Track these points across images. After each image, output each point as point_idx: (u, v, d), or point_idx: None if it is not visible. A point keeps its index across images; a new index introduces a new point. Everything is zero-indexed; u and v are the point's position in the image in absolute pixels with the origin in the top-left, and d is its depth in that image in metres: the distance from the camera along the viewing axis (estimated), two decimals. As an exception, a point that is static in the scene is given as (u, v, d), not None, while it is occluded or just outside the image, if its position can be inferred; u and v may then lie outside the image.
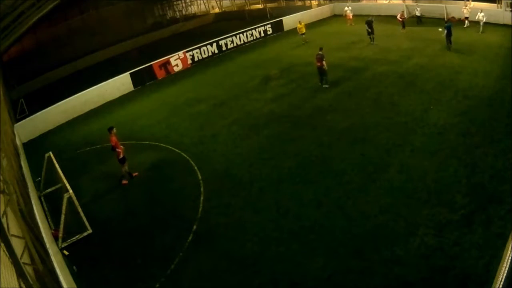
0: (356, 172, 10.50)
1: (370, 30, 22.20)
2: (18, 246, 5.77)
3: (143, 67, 23.05)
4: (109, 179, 12.61)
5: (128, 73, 22.32)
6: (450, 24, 18.88)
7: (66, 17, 34.14)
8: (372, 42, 22.24)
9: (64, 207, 9.46)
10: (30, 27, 23.56)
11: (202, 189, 11.17)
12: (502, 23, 21.87)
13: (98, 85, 20.91)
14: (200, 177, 11.82)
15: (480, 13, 21.41)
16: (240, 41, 27.78)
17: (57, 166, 11.56)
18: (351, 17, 28.37)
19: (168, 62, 24.09)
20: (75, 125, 18.77)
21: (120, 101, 21.02)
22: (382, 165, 10.59)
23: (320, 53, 16.51)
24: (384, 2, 31.85)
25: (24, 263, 5.42)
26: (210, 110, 17.00)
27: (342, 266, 7.60)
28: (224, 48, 26.88)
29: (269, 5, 38.95)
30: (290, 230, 8.85)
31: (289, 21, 30.24)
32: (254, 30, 28.63)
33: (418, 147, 11.07)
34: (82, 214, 9.95)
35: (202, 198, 10.75)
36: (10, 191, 7.34)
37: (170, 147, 14.10)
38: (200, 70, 23.73)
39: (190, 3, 46.83)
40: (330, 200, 9.59)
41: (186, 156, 13.23)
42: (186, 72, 24.14)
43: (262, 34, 28.87)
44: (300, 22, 26.18)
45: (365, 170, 10.48)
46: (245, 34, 28.13)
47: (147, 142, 14.87)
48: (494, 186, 8.90)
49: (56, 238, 9.77)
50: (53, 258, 7.49)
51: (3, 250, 5.01)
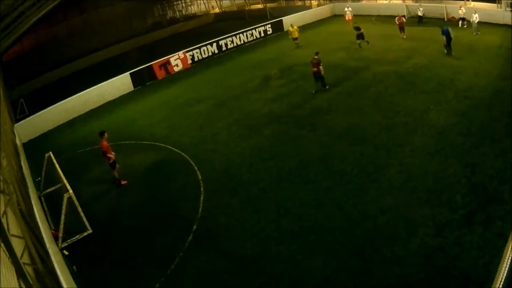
0: (356, 172, 10.50)
1: (358, 36, 21.44)
2: (18, 246, 5.77)
3: (143, 67, 23.04)
4: (109, 179, 12.58)
5: (128, 73, 22.31)
6: (447, 27, 17.93)
7: (66, 17, 34.16)
8: (360, 47, 21.45)
9: (64, 207, 9.46)
10: (30, 27, 23.58)
11: (202, 189, 11.17)
12: (502, 23, 21.85)
13: (98, 85, 20.91)
14: (200, 177, 11.82)
15: (474, 14, 20.99)
16: (240, 41, 27.78)
17: (57, 166, 11.57)
18: (351, 17, 27.90)
19: (168, 62, 24.08)
20: (75, 125, 18.78)
21: (120, 101, 21.02)
22: (382, 165, 10.59)
23: (316, 57, 15.91)
24: (384, 2, 31.85)
25: (24, 263, 5.42)
26: (210, 110, 16.99)
27: (342, 266, 7.60)
28: (224, 48, 26.87)
29: (269, 5, 38.94)
30: (290, 230, 8.85)
31: (289, 21, 30.11)
32: (254, 30, 28.64)
33: (418, 147, 11.07)
34: (82, 214, 9.96)
35: (202, 198, 10.75)
36: (10, 191, 7.34)
37: (170, 147, 14.09)
38: (200, 70, 23.72)
39: (190, 3, 46.85)
40: (330, 200, 9.59)
41: (186, 156, 13.23)
42: (186, 72, 24.13)
43: (262, 34, 28.87)
44: (292, 26, 24.67)
45: (365, 170, 10.48)
46: (245, 34, 28.14)
47: (147, 142, 14.87)
48: (494, 186, 8.89)
49: (56, 238, 9.77)
50: (53, 258, 7.48)
51: (3, 250, 5.01)
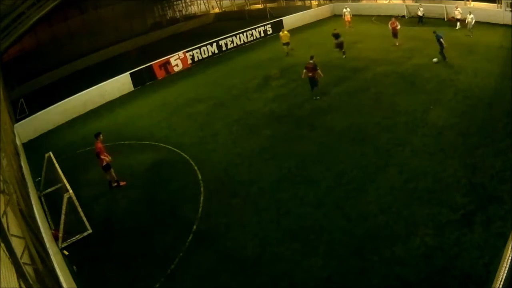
0: (356, 172, 10.50)
1: (337, 44, 20.61)
2: (18, 246, 5.77)
3: (143, 67, 23.03)
4: (109, 179, 12.58)
5: (128, 73, 22.30)
6: (440, 34, 17.04)
7: (66, 17, 34.16)
8: (344, 56, 20.50)
9: (64, 207, 9.46)
10: (30, 27, 23.59)
11: (202, 189, 11.17)
12: (502, 23, 21.85)
13: (98, 85, 20.89)
14: (200, 177, 11.82)
15: (469, 15, 20.79)
16: (240, 41, 27.76)
17: (57, 166, 11.57)
18: (350, 19, 27.25)
19: (168, 62, 24.07)
20: (75, 125, 18.76)
21: (120, 101, 21.01)
22: (382, 165, 10.59)
23: (311, 61, 15.19)
24: (384, 2, 31.85)
25: (24, 263, 5.42)
26: (210, 110, 16.99)
27: (342, 266, 7.60)
28: (224, 48, 26.85)
29: (269, 5, 38.94)
30: (290, 230, 8.85)
31: (289, 21, 30.23)
32: (254, 30, 28.61)
33: (418, 147, 11.07)
34: (82, 214, 9.96)
35: (202, 198, 10.75)
36: (10, 191, 7.34)
37: (170, 147, 14.09)
38: (200, 70, 23.71)
39: (190, 3, 46.84)
40: (330, 200, 9.60)
41: (186, 156, 13.23)
42: (186, 72, 24.12)
43: (262, 34, 28.85)
44: (282, 31, 23.86)
45: (365, 170, 10.49)
46: (245, 34, 28.12)
47: (147, 142, 14.86)
48: (494, 186, 8.90)
49: (56, 238, 9.77)
50: (53, 258, 7.49)
51: (3, 250, 5.01)
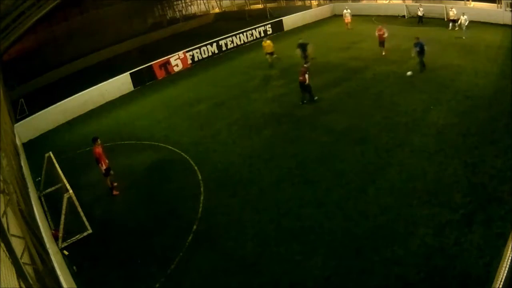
0: (356, 172, 10.50)
1: (303, 54, 19.28)
2: (18, 246, 5.78)
3: (143, 67, 23.05)
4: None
5: (128, 73, 22.32)
6: (423, 43, 16.34)
7: (66, 17, 34.17)
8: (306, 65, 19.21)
9: (64, 207, 9.46)
10: (30, 27, 23.59)
11: (202, 189, 11.17)
12: (502, 23, 21.85)
13: (98, 85, 20.91)
14: (200, 177, 11.82)
15: (463, 16, 20.64)
16: (240, 41, 27.78)
17: (57, 166, 11.56)
18: (350, 20, 26.96)
19: (168, 62, 24.07)
20: (75, 125, 18.77)
21: (120, 101, 21.02)
22: (382, 165, 10.59)
23: (305, 66, 15.34)
24: (384, 2, 31.85)
25: (24, 263, 5.42)
26: (210, 110, 16.99)
27: (342, 266, 7.60)
28: (224, 48, 26.87)
29: (269, 5, 38.94)
30: (290, 230, 8.85)
31: (289, 21, 30.27)
32: (254, 30, 28.64)
33: (418, 147, 11.07)
34: (82, 214, 9.96)
35: (202, 198, 10.75)
36: (10, 191, 7.34)
37: (170, 147, 14.09)
38: (200, 70, 23.71)
39: (190, 3, 46.86)
40: (330, 200, 9.59)
41: (186, 156, 13.23)
42: (186, 72, 24.12)
43: (262, 34, 28.80)
44: (265, 40, 22.04)
45: (365, 170, 10.48)
46: (245, 34, 28.14)
47: (147, 142, 14.86)
48: (494, 186, 8.89)
49: (56, 238, 9.77)
50: (53, 258, 7.49)
51: (3, 250, 5.02)
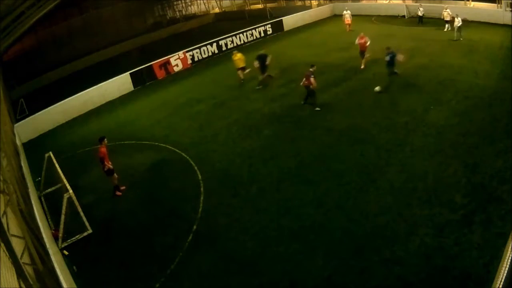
0: (356, 172, 10.50)
1: (261, 67, 17.97)
2: (18, 246, 5.77)
3: (143, 67, 23.02)
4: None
5: (128, 73, 22.30)
6: (394, 53, 15.43)
7: (66, 17, 34.20)
8: (262, 76, 18.25)
9: (64, 207, 9.46)
10: (30, 27, 23.58)
11: (202, 189, 11.17)
12: (502, 23, 21.85)
13: (98, 85, 20.89)
14: (200, 177, 11.82)
15: (457, 18, 20.26)
16: (240, 41, 27.75)
17: (57, 166, 11.57)
18: (350, 21, 26.56)
19: (168, 62, 24.06)
20: (75, 125, 18.77)
21: (120, 101, 21.02)
22: (382, 165, 10.59)
23: (310, 69, 14.76)
24: (384, 2, 31.85)
25: (24, 263, 5.42)
26: (210, 110, 16.99)
27: (342, 266, 7.60)
28: (224, 48, 26.84)
29: (269, 5, 38.95)
30: (290, 230, 8.85)
31: (289, 21, 30.27)
32: (254, 30, 28.61)
33: (418, 147, 11.07)
34: (82, 214, 9.96)
35: (202, 198, 10.75)
36: (10, 191, 7.34)
37: (170, 147, 14.09)
38: (200, 70, 23.71)
39: (190, 3, 46.88)
40: (330, 200, 9.60)
41: (186, 156, 13.23)
42: (186, 72, 24.12)
43: (262, 34, 28.85)
44: (235, 54, 19.04)
45: (365, 170, 10.48)
46: (245, 34, 28.12)
47: (147, 142, 14.86)
48: (494, 186, 8.90)
49: (56, 238, 9.78)
50: (53, 258, 7.49)
51: (3, 250, 5.01)
